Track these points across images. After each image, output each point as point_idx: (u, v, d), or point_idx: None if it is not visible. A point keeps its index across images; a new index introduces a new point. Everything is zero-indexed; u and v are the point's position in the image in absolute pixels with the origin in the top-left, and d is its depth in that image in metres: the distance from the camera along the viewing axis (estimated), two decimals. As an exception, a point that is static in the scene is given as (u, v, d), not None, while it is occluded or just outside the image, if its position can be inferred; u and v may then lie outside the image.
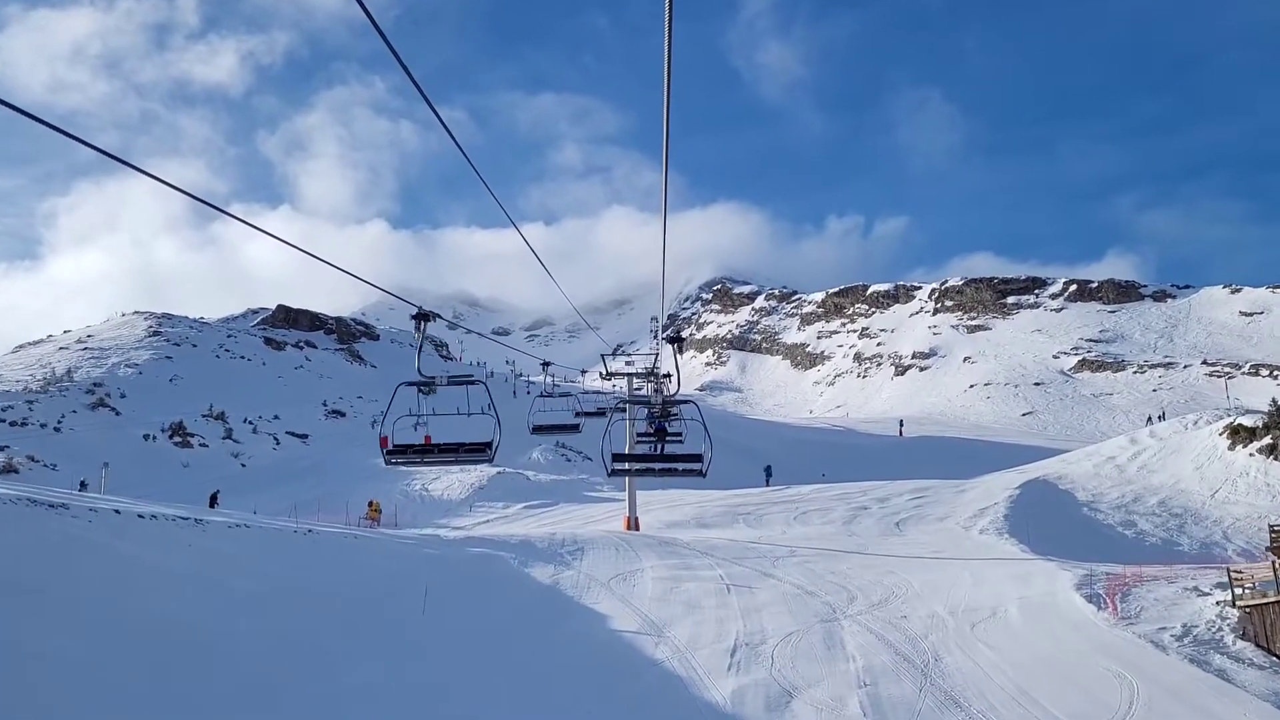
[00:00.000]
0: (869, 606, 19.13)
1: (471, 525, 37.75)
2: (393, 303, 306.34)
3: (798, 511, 36.42)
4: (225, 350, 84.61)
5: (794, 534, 31.23)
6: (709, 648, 16.98)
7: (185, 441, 52.29)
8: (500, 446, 12.39)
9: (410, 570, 20.46)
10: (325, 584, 18.96)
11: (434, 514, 41.14)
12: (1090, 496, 39.33)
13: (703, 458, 15.20)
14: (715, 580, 21.84)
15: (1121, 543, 33.69)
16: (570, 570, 22.69)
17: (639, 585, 21.45)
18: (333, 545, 21.25)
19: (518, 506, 41.40)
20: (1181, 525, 35.49)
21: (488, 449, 12.34)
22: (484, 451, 12.42)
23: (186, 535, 19.46)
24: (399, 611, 18.24)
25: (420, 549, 23.06)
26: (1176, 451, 43.60)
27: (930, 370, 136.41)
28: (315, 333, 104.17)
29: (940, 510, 36.58)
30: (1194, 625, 15.47)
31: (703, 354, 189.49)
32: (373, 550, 21.80)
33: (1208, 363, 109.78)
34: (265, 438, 59.11)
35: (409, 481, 46.99)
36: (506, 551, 24.17)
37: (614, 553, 24.71)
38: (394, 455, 12.93)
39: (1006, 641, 16.15)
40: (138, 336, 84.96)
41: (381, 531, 25.40)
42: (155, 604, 15.91)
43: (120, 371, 73.24)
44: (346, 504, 40.32)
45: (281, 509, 40.05)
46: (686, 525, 33.73)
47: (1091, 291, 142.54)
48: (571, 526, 34.86)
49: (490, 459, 12.50)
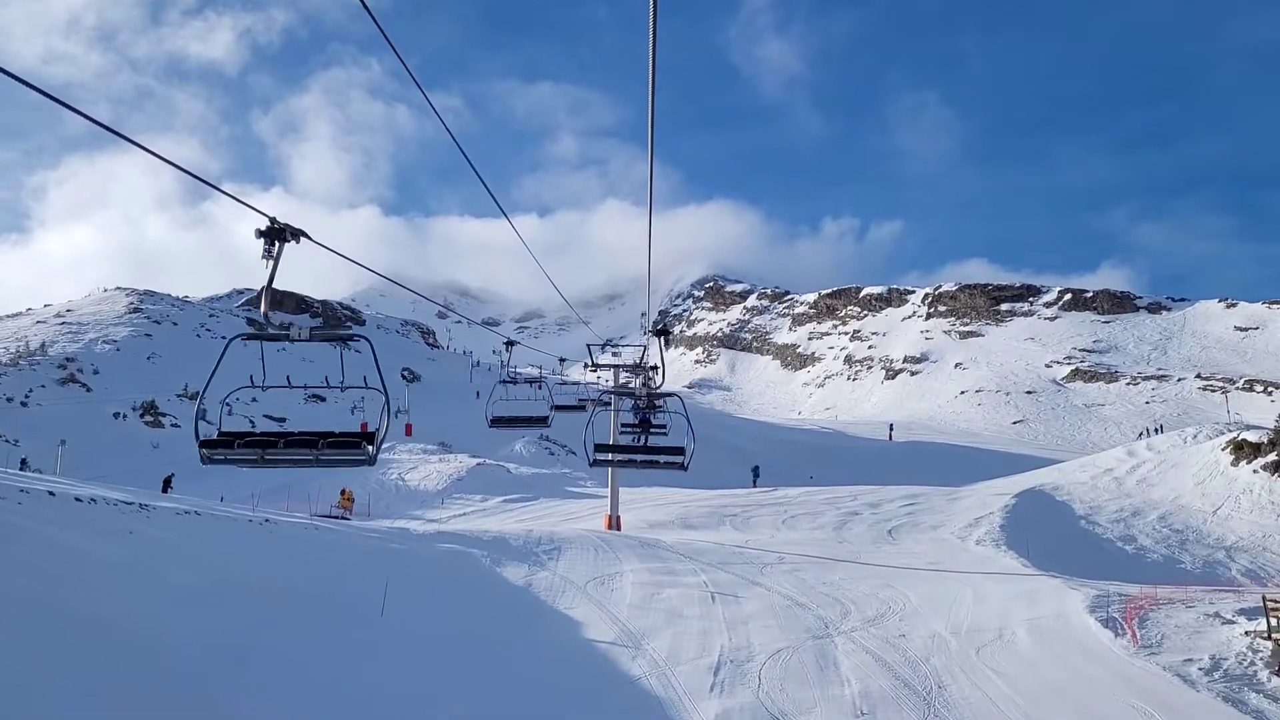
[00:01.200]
0: (864, 622, 17.71)
1: (447, 518, 36.27)
2: (383, 290, 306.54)
3: (786, 515, 35.06)
4: (206, 330, 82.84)
5: (783, 539, 29.85)
6: (691, 663, 15.55)
7: (157, 421, 50.61)
8: (386, 440, 8.36)
9: (372, 566, 18.97)
10: (276, 578, 17.45)
11: (409, 505, 39.64)
12: (1088, 509, 38.09)
13: (685, 451, 15.34)
14: (699, 587, 20.41)
15: (1121, 559, 32.45)
16: (545, 571, 21.23)
17: (618, 590, 20.02)
18: (289, 537, 19.75)
19: (496, 500, 39.92)
20: (1183, 542, 34.27)
21: (363, 445, 8.25)
22: (358, 448, 8.26)
23: (129, 522, 17.93)
24: (355, 611, 16.75)
25: (385, 543, 21.57)
26: (1177, 466, 42.40)
27: (921, 375, 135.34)
28: (300, 315, 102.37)
29: (934, 518, 35.27)
30: (1223, 658, 14.13)
31: (692, 351, 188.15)
32: (333, 543, 20.30)
33: (1202, 376, 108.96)
34: (240, 420, 57.35)
35: (385, 470, 45.44)
36: (478, 548, 22.71)
37: (593, 554, 23.28)
38: (213, 449, 8.75)
39: (1016, 668, 14.77)
40: (117, 313, 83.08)
41: (346, 523, 23.90)
42: (81, 598, 14.40)
43: (98, 348, 71.47)
44: (319, 490, 38.82)
45: (249, 495, 38.51)
46: (670, 526, 32.33)
47: (1086, 301, 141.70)
48: (550, 523, 33.40)
49: (370, 460, 8.38)
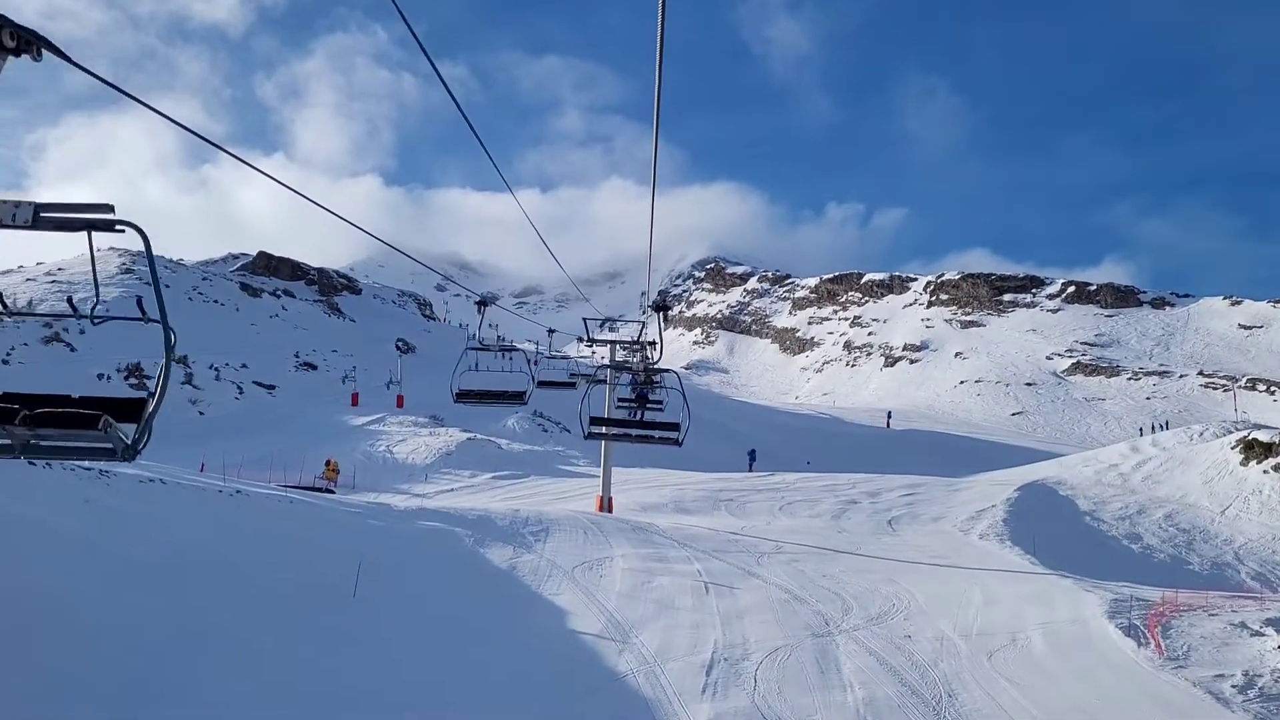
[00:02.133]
0: (867, 620, 16.64)
1: (434, 493, 35.19)
2: (382, 260, 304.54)
3: (784, 501, 34.03)
4: (199, 293, 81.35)
5: (780, 526, 28.83)
6: (682, 660, 14.48)
7: (141, 384, 49.38)
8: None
9: (348, 544, 17.89)
10: (244, 555, 16.36)
11: (396, 478, 38.52)
12: (1092, 505, 37.10)
13: (680, 427, 15.62)
14: (693, 576, 19.35)
15: (1127, 557, 31.50)
16: (531, 554, 20.15)
17: (606, 576, 18.94)
18: (261, 510, 18.64)
19: (485, 476, 38.79)
20: (1190, 542, 33.34)
21: (104, 426, 8.23)
22: (94, 428, 7.82)
23: (88, 489, 16.82)
24: (326, 592, 15.68)
25: (364, 519, 20.47)
26: (1184, 463, 41.41)
27: (920, 363, 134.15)
28: (296, 282, 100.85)
29: (934, 509, 34.27)
30: (1257, 674, 13.08)
31: (691, 332, 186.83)
32: (308, 518, 19.19)
33: (1204, 374, 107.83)
34: (228, 385, 56.23)
35: (373, 442, 44.34)
36: (462, 527, 21.63)
37: (582, 536, 22.20)
38: None
39: (1032, 678, 13.70)
40: (109, 273, 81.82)
41: (328, 496, 22.79)
42: (28, 572, 13.32)
43: (86, 308, 70.11)
44: (302, 461, 37.70)
45: (235, 462, 37.40)
46: (664, 509, 31.29)
47: (1090, 294, 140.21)
48: (540, 502, 32.34)
49: (124, 452, 6.92)
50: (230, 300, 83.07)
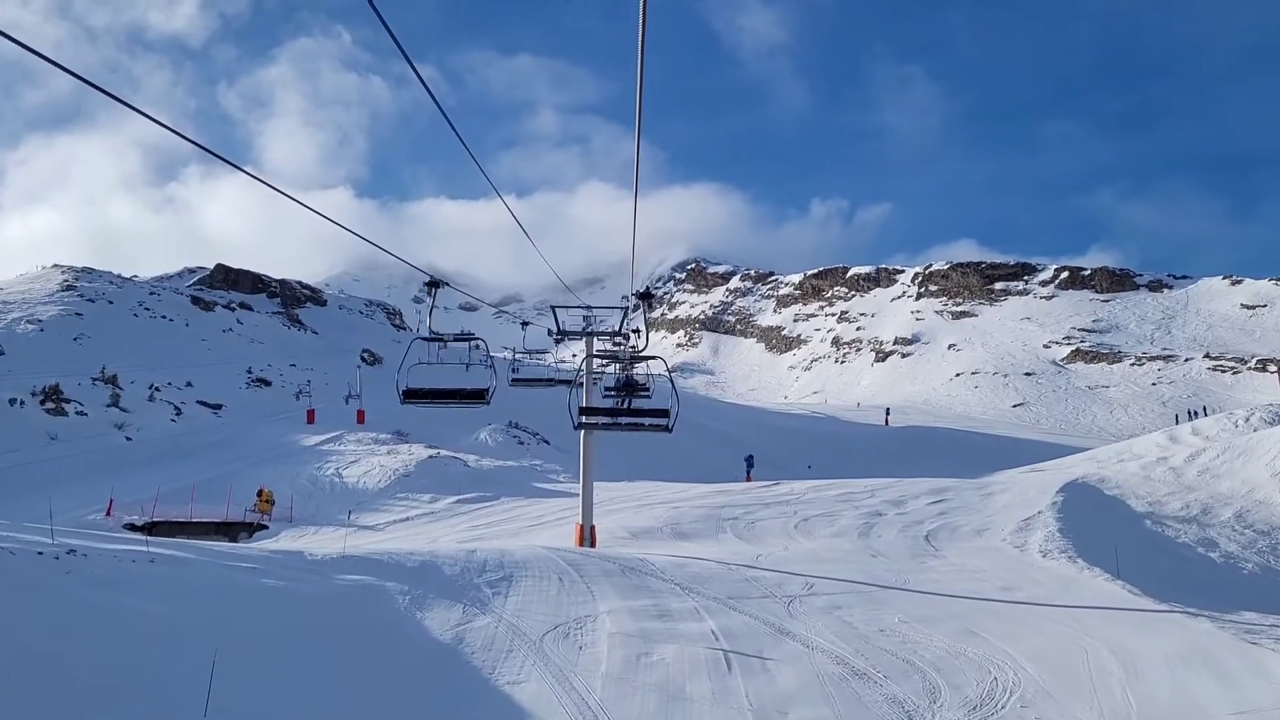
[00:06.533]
0: (968, 712, 11.43)
1: (384, 524, 29.84)
2: (358, 274, 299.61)
3: (798, 517, 28.94)
4: (145, 309, 75.73)
5: (800, 551, 23.70)
6: (705, 800, 9.28)
7: (59, 409, 43.75)
8: None
9: (218, 622, 12.55)
10: (56, 654, 10.96)
11: (344, 505, 33.10)
12: (1147, 506, 32.18)
13: (669, 413, 15.88)
14: (706, 641, 14.08)
15: (1208, 569, 26.46)
16: (486, 616, 14.82)
17: (588, 648, 13.64)
18: (97, 578, 13.24)
19: (448, 500, 33.37)
20: (1274, 546, 28.42)
21: None
22: None
23: None
24: (166, 707, 10.32)
25: (257, 579, 15.10)
26: (1244, 454, 36.56)
27: (912, 357, 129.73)
28: (257, 295, 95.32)
29: (973, 519, 29.22)
30: None
31: (674, 334, 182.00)
32: (166, 585, 13.82)
33: (1211, 356, 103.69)
34: (164, 406, 50.52)
35: (321, 464, 38.88)
36: (396, 580, 16.31)
37: (556, 585, 16.95)
38: None
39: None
40: (49, 290, 76.14)
41: (208, 548, 17.38)
42: None
43: (20, 328, 64.57)
44: (231, 490, 32.26)
45: (150, 496, 31.93)
46: (659, 535, 26.11)
47: (1084, 279, 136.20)
48: (509, 532, 27.11)
49: None
50: (180, 315, 77.44)
